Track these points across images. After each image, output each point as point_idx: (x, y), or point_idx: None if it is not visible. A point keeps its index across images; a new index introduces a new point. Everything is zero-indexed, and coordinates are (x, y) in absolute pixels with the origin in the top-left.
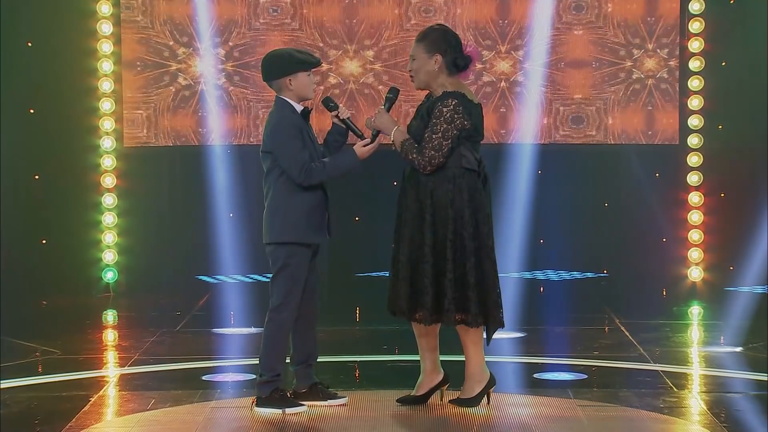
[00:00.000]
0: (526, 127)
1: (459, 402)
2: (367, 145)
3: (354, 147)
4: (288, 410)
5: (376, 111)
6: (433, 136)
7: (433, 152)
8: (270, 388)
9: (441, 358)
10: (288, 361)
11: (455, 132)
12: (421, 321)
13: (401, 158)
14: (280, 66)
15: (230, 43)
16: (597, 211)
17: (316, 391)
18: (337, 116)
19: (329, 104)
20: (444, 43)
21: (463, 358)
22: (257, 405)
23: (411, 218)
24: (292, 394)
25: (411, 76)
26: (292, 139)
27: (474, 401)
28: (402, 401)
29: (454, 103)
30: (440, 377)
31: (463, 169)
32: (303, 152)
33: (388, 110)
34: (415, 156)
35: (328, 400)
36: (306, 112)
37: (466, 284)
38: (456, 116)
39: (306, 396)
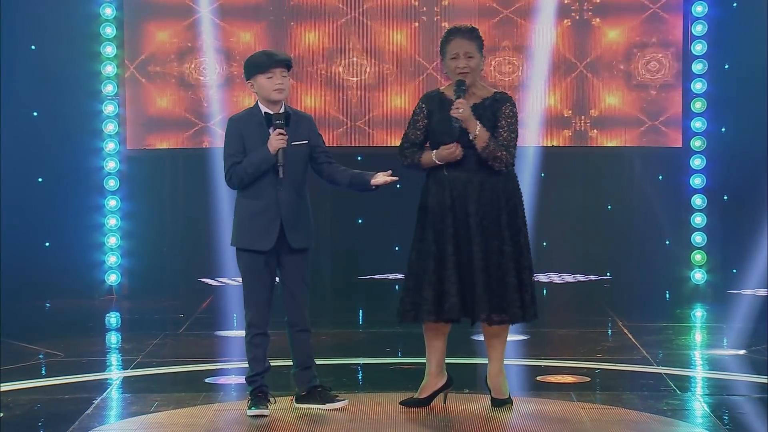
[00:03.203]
0: (529, 129)
1: (504, 402)
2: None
3: (268, 142)
4: (248, 411)
5: (461, 102)
6: (512, 136)
7: (514, 151)
8: (251, 387)
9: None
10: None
11: None
12: (507, 322)
13: (485, 154)
14: (245, 71)
15: (234, 45)
16: (600, 213)
17: (315, 394)
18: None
19: (277, 121)
20: None
21: (467, 361)
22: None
23: (480, 221)
24: (295, 398)
25: (465, 73)
26: (227, 144)
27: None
28: (405, 404)
29: (514, 103)
30: (444, 380)
31: (513, 168)
32: (231, 158)
33: None
34: (503, 153)
35: (327, 404)
36: (275, 117)
37: (527, 281)
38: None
39: (306, 399)
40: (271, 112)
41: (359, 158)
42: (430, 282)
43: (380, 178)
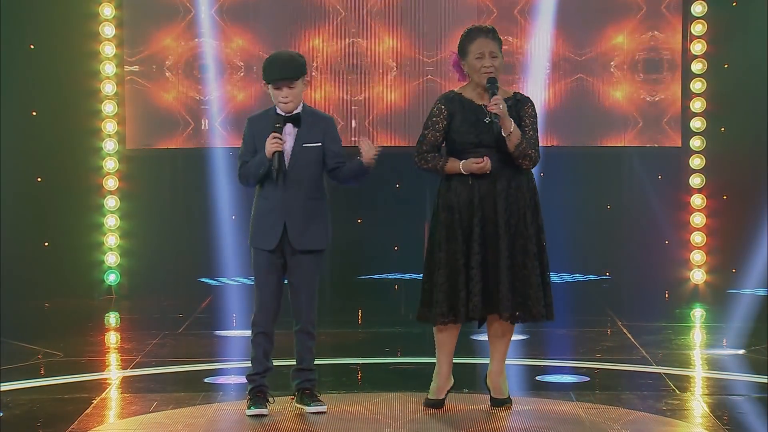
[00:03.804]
0: None
1: (503, 402)
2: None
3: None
4: (247, 411)
5: (498, 99)
6: (536, 135)
7: (539, 149)
8: (250, 386)
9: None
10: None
11: None
12: (531, 320)
13: (517, 152)
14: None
15: (234, 45)
16: (599, 213)
17: (302, 396)
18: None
19: (276, 124)
20: None
21: (467, 361)
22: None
23: (507, 219)
24: (293, 397)
25: (490, 72)
26: (242, 143)
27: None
28: (428, 404)
29: (533, 104)
30: (452, 381)
31: None
32: (241, 157)
33: None
34: (533, 152)
35: (306, 406)
36: (275, 120)
37: (549, 280)
38: None
39: (297, 399)
40: (284, 113)
41: (359, 158)
42: (464, 282)
43: (366, 155)
